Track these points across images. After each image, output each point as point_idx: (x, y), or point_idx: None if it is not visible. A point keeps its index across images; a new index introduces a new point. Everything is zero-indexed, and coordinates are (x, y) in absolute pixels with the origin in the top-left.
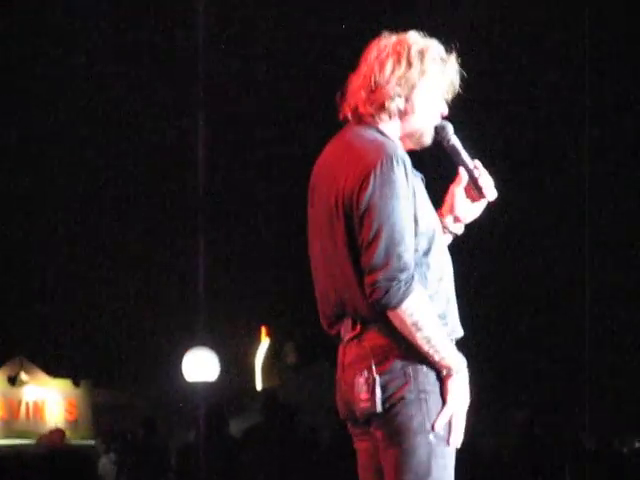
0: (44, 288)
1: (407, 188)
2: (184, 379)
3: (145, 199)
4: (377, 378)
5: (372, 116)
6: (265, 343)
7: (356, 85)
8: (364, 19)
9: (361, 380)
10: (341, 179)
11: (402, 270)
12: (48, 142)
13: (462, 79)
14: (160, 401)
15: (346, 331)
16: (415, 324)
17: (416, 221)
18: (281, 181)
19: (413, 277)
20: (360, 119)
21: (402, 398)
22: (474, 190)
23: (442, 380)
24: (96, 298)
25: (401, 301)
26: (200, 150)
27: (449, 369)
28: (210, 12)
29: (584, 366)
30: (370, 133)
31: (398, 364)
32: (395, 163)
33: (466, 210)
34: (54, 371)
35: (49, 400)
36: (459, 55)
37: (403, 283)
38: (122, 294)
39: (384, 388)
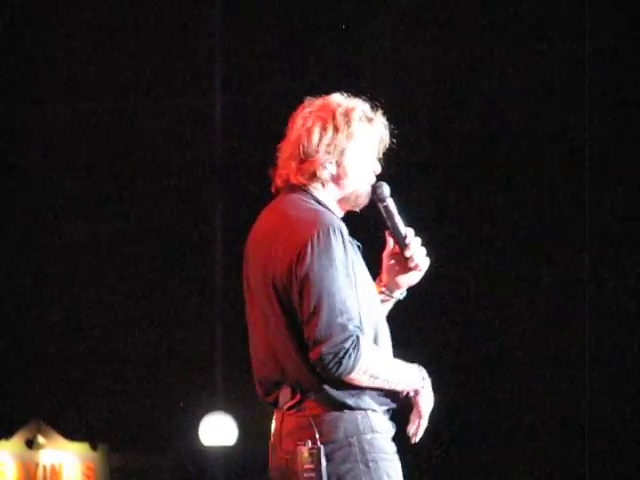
0: (61, 351)
1: (345, 258)
2: (201, 443)
3: (164, 264)
4: (322, 448)
5: (305, 185)
6: None
7: (285, 155)
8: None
9: (304, 449)
10: (278, 250)
11: (346, 339)
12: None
13: (392, 136)
14: (177, 465)
15: (285, 399)
16: (371, 377)
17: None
18: None
19: (358, 338)
20: (292, 188)
21: (350, 469)
22: (402, 258)
23: (390, 442)
24: (114, 362)
25: (353, 368)
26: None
27: (414, 390)
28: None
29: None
30: (305, 202)
31: (341, 433)
32: (332, 233)
33: (398, 278)
34: (71, 434)
35: (67, 464)
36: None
37: (351, 349)
38: (140, 358)
39: (329, 458)
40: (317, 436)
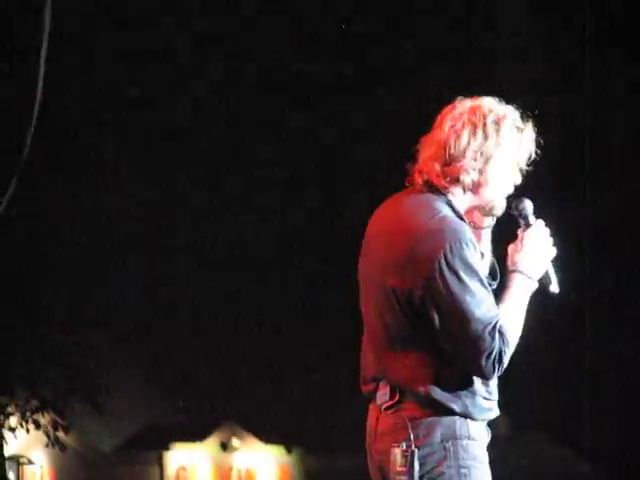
0: (256, 355)
1: (479, 268)
2: None
3: None
4: (415, 451)
5: (446, 188)
6: None
7: (429, 153)
8: None
9: (398, 451)
10: (404, 252)
11: (492, 341)
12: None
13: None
14: None
15: (382, 398)
16: (516, 337)
17: None
18: None
19: (501, 333)
20: (430, 189)
21: (441, 473)
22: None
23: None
24: (309, 365)
25: (506, 356)
26: None
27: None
28: None
29: None
30: (437, 206)
31: (437, 438)
32: (465, 245)
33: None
34: (267, 437)
35: (261, 467)
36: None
37: (501, 345)
38: (334, 361)
39: (422, 461)
40: (412, 439)
